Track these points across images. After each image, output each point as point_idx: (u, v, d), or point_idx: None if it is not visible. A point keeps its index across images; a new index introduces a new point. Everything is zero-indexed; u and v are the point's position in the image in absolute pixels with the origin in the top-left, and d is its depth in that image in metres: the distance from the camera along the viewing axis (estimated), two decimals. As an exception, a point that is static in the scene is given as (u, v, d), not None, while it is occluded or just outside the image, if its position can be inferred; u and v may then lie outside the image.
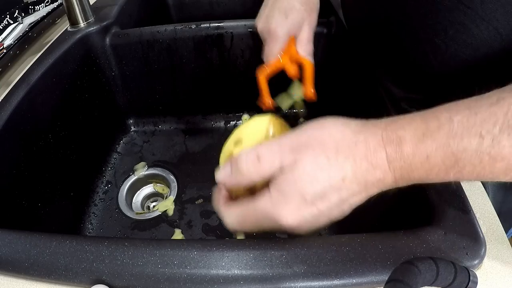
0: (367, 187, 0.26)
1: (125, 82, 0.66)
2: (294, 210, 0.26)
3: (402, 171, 0.25)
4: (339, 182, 0.26)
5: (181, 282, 0.29)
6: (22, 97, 0.47)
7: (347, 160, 0.25)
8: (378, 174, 0.26)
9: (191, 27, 0.60)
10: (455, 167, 0.24)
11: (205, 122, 0.71)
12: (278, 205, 0.26)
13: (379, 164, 0.25)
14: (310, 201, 0.26)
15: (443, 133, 0.24)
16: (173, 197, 0.59)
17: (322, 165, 0.26)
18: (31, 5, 0.64)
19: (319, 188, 0.26)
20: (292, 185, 0.26)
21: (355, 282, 0.29)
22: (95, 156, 0.63)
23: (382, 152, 0.25)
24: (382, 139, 0.25)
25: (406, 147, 0.25)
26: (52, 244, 0.32)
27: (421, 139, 0.24)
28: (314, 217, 0.26)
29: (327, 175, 0.25)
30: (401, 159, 0.25)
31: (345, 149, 0.26)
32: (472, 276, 0.24)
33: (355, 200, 0.27)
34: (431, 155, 0.24)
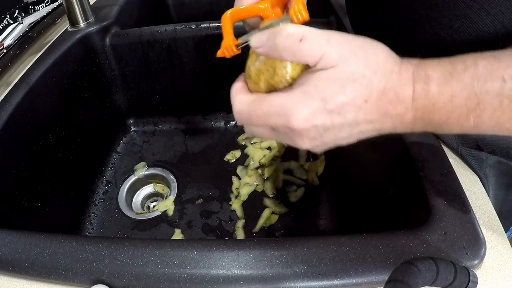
0: (384, 118, 0.26)
1: (125, 82, 0.66)
2: (310, 113, 0.25)
3: (424, 110, 0.25)
4: (362, 102, 0.25)
5: (181, 282, 0.29)
6: (22, 97, 0.47)
7: (377, 84, 0.25)
8: (399, 108, 0.25)
9: (191, 27, 0.60)
10: (476, 110, 0.24)
11: (205, 122, 0.71)
12: (297, 102, 0.25)
13: (404, 98, 0.25)
14: (329, 109, 0.25)
15: (468, 75, 0.24)
16: (173, 197, 0.59)
17: (356, 79, 0.25)
18: (31, 5, 0.64)
19: (343, 100, 0.25)
20: (319, 86, 0.25)
21: (355, 282, 0.29)
22: (95, 156, 0.63)
23: (410, 87, 0.25)
24: (412, 75, 0.25)
25: (433, 85, 0.25)
26: (52, 244, 0.32)
27: (447, 79, 0.25)
28: (324, 128, 0.26)
29: (355, 90, 0.25)
30: (426, 97, 0.25)
31: (382, 73, 0.25)
32: (472, 276, 0.24)
33: (367, 128, 0.26)
34: (456, 95, 0.24)
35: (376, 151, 0.46)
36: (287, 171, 0.62)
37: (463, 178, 0.36)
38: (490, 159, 0.38)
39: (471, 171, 0.38)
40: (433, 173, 0.36)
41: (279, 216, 0.56)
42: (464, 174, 0.38)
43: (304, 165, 0.62)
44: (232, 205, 0.57)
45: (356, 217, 0.52)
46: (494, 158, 0.38)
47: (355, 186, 0.54)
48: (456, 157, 0.39)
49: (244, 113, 0.28)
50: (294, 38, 0.25)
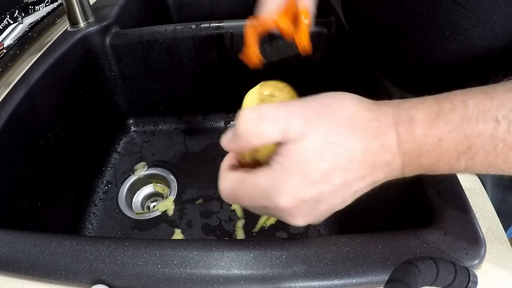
0: (374, 170, 0.24)
1: (125, 82, 0.66)
2: (294, 189, 0.23)
3: (412, 154, 0.23)
4: (347, 163, 0.23)
5: (181, 282, 0.29)
6: (22, 97, 0.47)
7: (358, 139, 0.23)
8: (387, 156, 0.24)
9: (191, 27, 0.60)
10: (468, 153, 0.22)
11: (205, 122, 0.71)
12: (277, 181, 0.23)
13: (389, 145, 0.23)
14: (313, 181, 0.23)
15: (457, 115, 0.22)
16: (173, 197, 0.59)
17: (333, 142, 0.23)
18: (31, 5, 0.64)
19: (325, 167, 0.23)
20: (296, 160, 0.23)
21: (355, 282, 0.29)
22: (95, 156, 0.63)
23: (393, 132, 0.23)
24: (393, 118, 0.24)
25: (418, 127, 0.23)
26: (52, 244, 0.32)
27: (434, 120, 0.23)
28: (315, 201, 0.24)
29: (335, 153, 0.23)
30: (412, 141, 0.23)
31: (358, 126, 0.23)
32: (472, 276, 0.24)
33: (360, 186, 0.25)
34: (444, 138, 0.22)
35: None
36: (287, 171, 0.62)
37: (463, 178, 0.36)
38: None
39: (471, 171, 0.38)
40: (433, 173, 0.36)
41: (279, 216, 0.56)
42: (464, 174, 0.38)
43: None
44: (232, 205, 0.57)
45: (356, 217, 0.52)
46: None
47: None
48: (456, 157, 0.39)
49: (228, 193, 0.27)
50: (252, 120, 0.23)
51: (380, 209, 0.45)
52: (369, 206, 0.49)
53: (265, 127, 0.23)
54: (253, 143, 0.24)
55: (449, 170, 0.24)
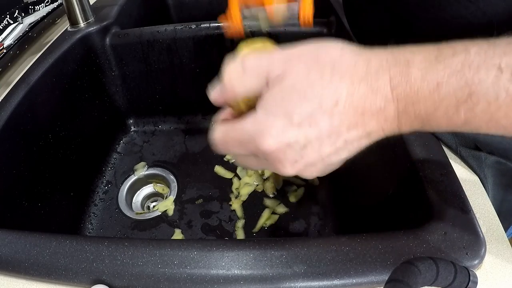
0: (364, 118, 0.22)
1: (125, 82, 0.66)
2: (277, 131, 0.22)
3: (407, 100, 0.22)
4: (331, 106, 0.22)
5: (181, 282, 0.29)
6: (22, 97, 0.47)
7: (342, 81, 0.22)
8: (378, 101, 0.22)
9: (191, 27, 0.60)
10: (468, 102, 0.21)
11: (205, 122, 0.71)
12: (261, 124, 0.23)
13: (380, 88, 0.22)
14: (297, 123, 0.22)
15: (458, 60, 0.21)
16: (173, 197, 0.59)
17: (314, 82, 0.22)
18: (31, 5, 0.64)
19: (307, 108, 0.22)
20: (278, 102, 0.23)
21: (355, 282, 0.29)
22: (95, 156, 0.63)
23: (385, 74, 0.22)
24: (386, 61, 0.22)
25: (414, 69, 0.21)
26: (52, 244, 0.32)
27: (432, 63, 0.21)
28: (300, 146, 0.23)
29: (318, 94, 0.22)
30: (407, 84, 0.21)
31: (342, 68, 0.22)
32: (472, 276, 0.24)
33: (351, 136, 0.23)
34: (443, 82, 0.21)
35: (376, 151, 0.46)
36: (287, 171, 0.62)
37: (463, 178, 0.36)
38: (488, 159, 0.38)
39: (471, 171, 0.38)
40: (433, 173, 0.36)
41: (279, 216, 0.56)
42: (464, 174, 0.38)
43: (304, 165, 0.62)
44: (232, 205, 0.57)
45: (356, 217, 0.52)
46: (492, 159, 0.38)
47: (355, 186, 0.54)
48: (456, 157, 0.39)
49: (221, 143, 0.27)
50: (237, 70, 0.24)
51: (380, 209, 0.45)
52: (369, 206, 0.49)
53: (248, 77, 0.24)
54: (238, 94, 0.25)
55: (447, 123, 0.22)
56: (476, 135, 0.38)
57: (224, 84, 0.25)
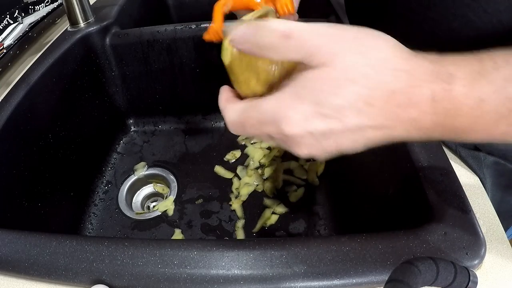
0: (395, 124, 0.22)
1: (125, 82, 0.66)
2: (302, 117, 0.22)
3: (447, 114, 0.21)
4: (364, 106, 0.21)
5: (181, 282, 0.29)
6: (22, 97, 0.47)
7: (382, 84, 0.21)
8: (413, 112, 0.21)
9: (191, 27, 0.60)
10: (508, 117, 0.21)
11: (205, 122, 0.71)
12: (286, 107, 0.22)
13: (419, 101, 0.21)
14: (325, 114, 0.22)
15: (500, 75, 0.20)
16: (173, 197, 0.59)
17: (355, 80, 0.21)
18: (31, 5, 0.64)
19: (339, 103, 0.21)
20: (312, 88, 0.22)
21: (355, 282, 0.29)
22: (95, 156, 0.63)
23: (426, 88, 0.21)
24: (429, 73, 0.21)
25: (458, 86, 0.21)
26: (52, 244, 0.32)
27: (476, 79, 0.21)
28: (322, 134, 0.22)
29: (354, 91, 0.21)
30: (449, 101, 0.21)
31: (386, 72, 0.21)
32: (472, 276, 0.24)
33: (374, 135, 0.23)
34: (485, 98, 0.20)
35: (376, 151, 0.46)
36: (287, 171, 0.62)
37: (463, 178, 0.36)
38: (487, 159, 0.38)
39: (471, 171, 0.38)
40: (433, 173, 0.36)
41: (279, 216, 0.56)
42: (464, 174, 0.38)
43: (304, 165, 0.62)
44: (232, 205, 0.57)
45: (356, 217, 0.52)
46: (491, 159, 0.38)
47: (355, 186, 0.54)
48: (456, 157, 0.39)
49: (237, 124, 0.26)
50: (280, 34, 0.22)
51: (380, 209, 0.45)
52: (369, 206, 0.49)
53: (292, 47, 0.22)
54: (272, 56, 0.23)
55: (484, 136, 0.22)
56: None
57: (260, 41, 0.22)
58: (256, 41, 0.23)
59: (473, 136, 0.22)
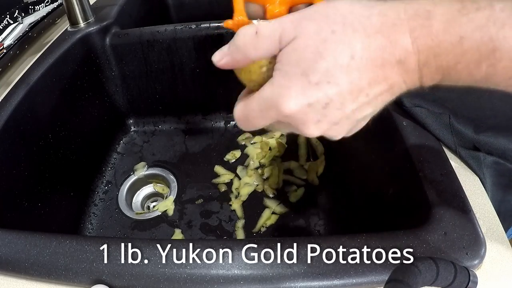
0: (385, 70, 0.22)
1: (125, 82, 0.66)
2: (297, 92, 0.22)
3: (429, 52, 0.21)
4: (347, 60, 0.21)
5: (181, 282, 0.29)
6: (22, 97, 0.47)
7: (355, 34, 0.21)
8: (397, 52, 0.21)
9: (191, 27, 0.60)
10: (490, 57, 0.20)
11: (205, 122, 0.71)
12: (279, 88, 0.23)
13: (398, 40, 0.21)
14: (315, 81, 0.22)
15: (482, 15, 0.20)
16: (173, 197, 0.59)
17: (326, 38, 0.21)
18: (31, 5, 0.64)
19: (323, 65, 0.22)
20: (293, 63, 0.22)
21: (355, 282, 0.29)
22: (95, 156, 0.63)
23: (404, 26, 0.21)
24: (405, 12, 0.21)
25: (436, 22, 0.21)
26: (52, 244, 0.32)
27: (455, 16, 0.20)
28: (322, 105, 0.22)
29: (331, 50, 0.21)
30: (429, 36, 0.21)
31: (355, 22, 0.21)
32: (472, 276, 0.24)
33: (375, 90, 0.22)
34: (466, 36, 0.20)
35: (376, 151, 0.46)
36: (287, 171, 0.62)
37: (463, 178, 0.36)
38: (487, 159, 0.38)
39: (471, 171, 0.38)
40: (433, 173, 0.36)
41: (279, 216, 0.56)
42: (464, 174, 0.38)
43: (304, 165, 0.62)
44: (232, 205, 0.57)
45: (356, 217, 0.52)
46: (491, 159, 0.38)
47: (355, 186, 0.54)
48: (456, 157, 0.39)
49: (242, 119, 0.26)
50: (250, 33, 0.24)
51: (380, 209, 0.45)
52: (369, 206, 0.49)
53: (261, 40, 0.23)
54: (251, 57, 0.24)
55: (467, 77, 0.22)
56: (474, 136, 0.38)
57: (237, 46, 0.24)
58: (235, 48, 0.24)
59: (457, 78, 0.22)
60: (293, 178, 0.61)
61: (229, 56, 0.25)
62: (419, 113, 0.40)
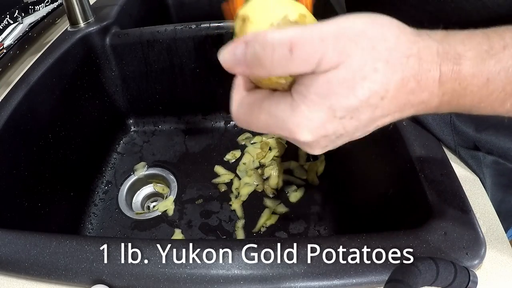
0: (405, 108, 0.22)
1: (125, 82, 0.66)
2: (317, 125, 0.21)
3: (453, 95, 0.21)
4: (377, 100, 0.21)
5: (181, 282, 0.29)
6: (22, 97, 0.47)
7: (394, 75, 0.21)
8: (423, 95, 0.21)
9: (191, 27, 0.60)
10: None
11: (205, 122, 0.71)
12: (299, 115, 0.21)
13: (428, 85, 0.21)
14: (339, 117, 0.21)
15: (509, 54, 0.20)
16: (173, 197, 0.59)
17: (366, 77, 0.20)
18: (31, 5, 0.64)
19: (354, 103, 0.21)
20: (324, 94, 0.21)
21: (355, 282, 0.29)
22: (95, 156, 0.63)
23: (436, 71, 0.21)
24: (437, 54, 0.21)
25: (466, 66, 0.21)
26: (52, 244, 0.32)
27: (484, 58, 0.21)
28: (337, 136, 0.22)
29: (367, 89, 0.20)
30: (457, 81, 0.21)
31: (396, 62, 0.21)
32: (472, 276, 0.24)
33: (385, 121, 0.23)
34: (493, 78, 0.21)
35: (376, 151, 0.46)
36: (287, 171, 0.62)
37: (463, 178, 0.36)
38: (487, 159, 0.38)
39: (471, 171, 0.38)
40: (433, 173, 0.36)
41: (279, 216, 0.56)
42: (464, 174, 0.38)
43: (304, 165, 0.62)
44: (232, 205, 0.57)
45: (356, 217, 0.52)
46: (491, 158, 0.38)
47: (355, 186, 0.54)
48: (456, 157, 0.39)
49: (241, 119, 0.24)
50: (283, 49, 0.20)
51: (380, 209, 0.45)
52: (369, 206, 0.49)
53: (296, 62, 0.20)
54: (275, 74, 0.21)
55: (490, 112, 0.22)
56: (476, 136, 0.38)
57: (261, 61, 0.20)
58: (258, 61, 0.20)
59: (478, 112, 0.23)
60: (293, 178, 0.61)
61: (244, 66, 0.21)
62: None
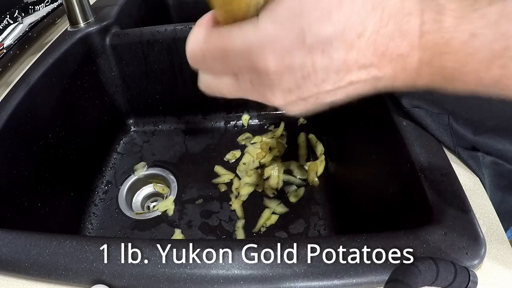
0: (381, 60, 0.19)
1: (125, 82, 0.66)
2: (283, 48, 0.18)
3: (435, 50, 0.19)
4: (354, 38, 0.18)
5: (181, 282, 0.29)
6: (22, 97, 0.47)
7: (373, 12, 0.18)
8: (403, 46, 0.19)
9: (191, 27, 0.60)
10: (502, 57, 0.18)
11: (205, 122, 0.71)
12: (264, 36, 0.19)
13: (408, 32, 0.19)
14: (309, 45, 0.18)
15: (494, 9, 0.18)
16: (173, 197, 0.59)
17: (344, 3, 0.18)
18: (31, 5, 0.64)
19: (328, 31, 0.18)
20: (294, 14, 0.18)
21: (355, 282, 0.29)
22: (95, 156, 0.63)
23: (418, 17, 0.19)
24: (420, 2, 0.19)
25: (448, 17, 0.19)
26: (52, 244, 0.32)
27: (467, 11, 0.19)
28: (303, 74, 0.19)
29: (344, 19, 0.18)
30: (438, 32, 0.19)
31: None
32: (472, 276, 0.24)
33: (359, 77, 0.20)
34: (477, 33, 0.18)
35: (376, 151, 0.46)
36: (287, 171, 0.62)
37: (463, 178, 0.36)
38: (486, 159, 0.38)
39: (471, 171, 0.38)
40: (433, 173, 0.36)
41: (279, 216, 0.56)
42: (464, 174, 0.38)
43: (304, 165, 0.62)
44: (232, 205, 0.57)
45: (356, 217, 0.52)
46: (490, 159, 0.38)
47: (355, 186, 0.54)
48: (456, 158, 0.39)
49: (197, 53, 0.21)
50: None
51: (380, 209, 0.45)
52: (369, 206, 0.49)
53: None
54: None
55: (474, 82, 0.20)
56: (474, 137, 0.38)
57: None
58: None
59: (462, 81, 0.20)
60: (293, 178, 0.61)
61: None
62: (418, 114, 0.40)
